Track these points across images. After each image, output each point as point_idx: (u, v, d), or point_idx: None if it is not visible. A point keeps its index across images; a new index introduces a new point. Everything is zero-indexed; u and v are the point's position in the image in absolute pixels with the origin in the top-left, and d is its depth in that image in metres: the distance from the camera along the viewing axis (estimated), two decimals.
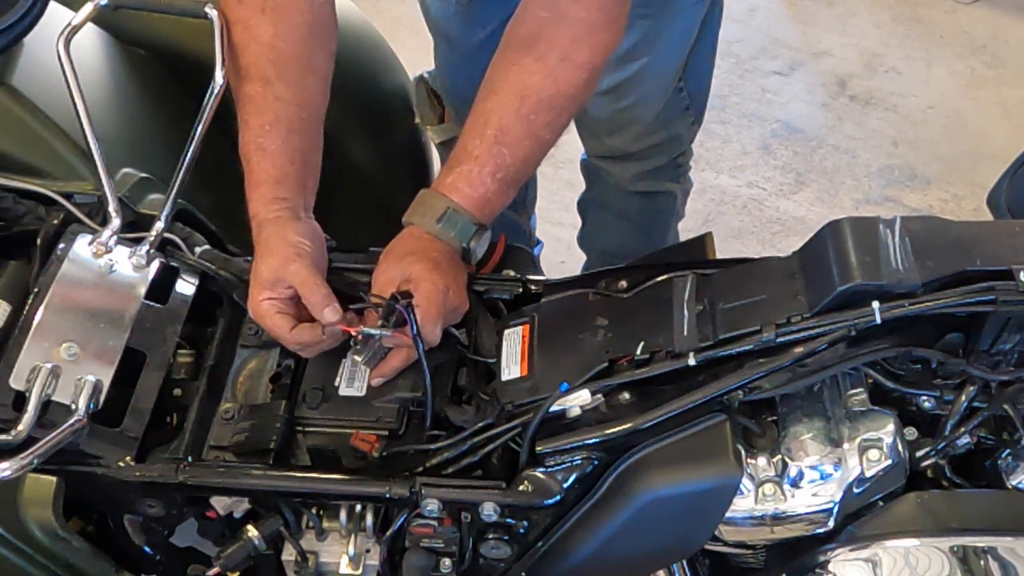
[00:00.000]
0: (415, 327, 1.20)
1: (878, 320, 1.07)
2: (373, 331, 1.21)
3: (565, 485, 1.17)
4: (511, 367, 1.25)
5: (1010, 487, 1.14)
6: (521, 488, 1.17)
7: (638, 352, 1.18)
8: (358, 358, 1.24)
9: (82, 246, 1.28)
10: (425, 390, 1.23)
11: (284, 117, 1.32)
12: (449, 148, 2.13)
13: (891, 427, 1.12)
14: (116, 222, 1.28)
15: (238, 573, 1.26)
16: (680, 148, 2.09)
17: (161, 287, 1.31)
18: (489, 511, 1.18)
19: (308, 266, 1.25)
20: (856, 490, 1.12)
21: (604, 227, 2.27)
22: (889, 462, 1.11)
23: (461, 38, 1.93)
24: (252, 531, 1.21)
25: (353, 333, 1.22)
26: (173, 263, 1.34)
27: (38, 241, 1.28)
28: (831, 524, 1.14)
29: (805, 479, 1.13)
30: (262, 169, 1.31)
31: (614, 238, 2.24)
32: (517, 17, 1.35)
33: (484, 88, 1.34)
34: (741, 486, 1.13)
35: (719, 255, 1.41)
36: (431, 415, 1.23)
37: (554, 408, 1.16)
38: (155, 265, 1.31)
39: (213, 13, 1.33)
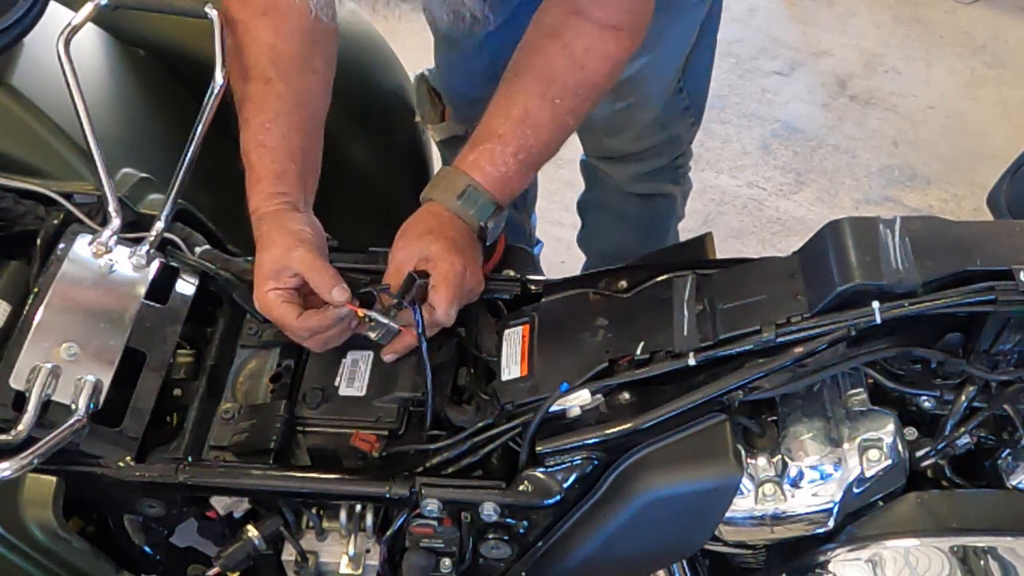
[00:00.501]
0: (421, 325, 1.20)
1: (878, 320, 1.07)
2: (379, 317, 1.22)
3: (565, 485, 1.17)
4: (511, 367, 1.25)
5: (1010, 487, 1.14)
6: (521, 488, 1.17)
7: (638, 352, 1.18)
8: (372, 335, 1.24)
9: (82, 246, 1.28)
10: (426, 388, 1.23)
11: (284, 115, 1.33)
12: (450, 146, 2.14)
13: (891, 427, 1.12)
14: (116, 222, 1.28)
15: (238, 573, 1.26)
16: (679, 149, 2.09)
17: (161, 287, 1.31)
18: (489, 511, 1.18)
19: (312, 251, 1.25)
20: (856, 490, 1.12)
21: (604, 228, 2.27)
22: (889, 462, 1.11)
23: (461, 37, 1.93)
24: (252, 531, 1.21)
25: (360, 315, 1.23)
26: (173, 263, 1.34)
27: (38, 241, 1.28)
28: (831, 524, 1.14)
29: (805, 479, 1.13)
30: (262, 165, 1.31)
31: (614, 239, 2.24)
32: (543, 8, 1.36)
33: (510, 71, 1.35)
34: (741, 486, 1.13)
35: (719, 255, 1.41)
36: (431, 414, 1.23)
37: (554, 408, 1.16)
38: (155, 265, 1.31)
39: (213, 13, 1.33)
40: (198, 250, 1.37)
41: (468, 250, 1.28)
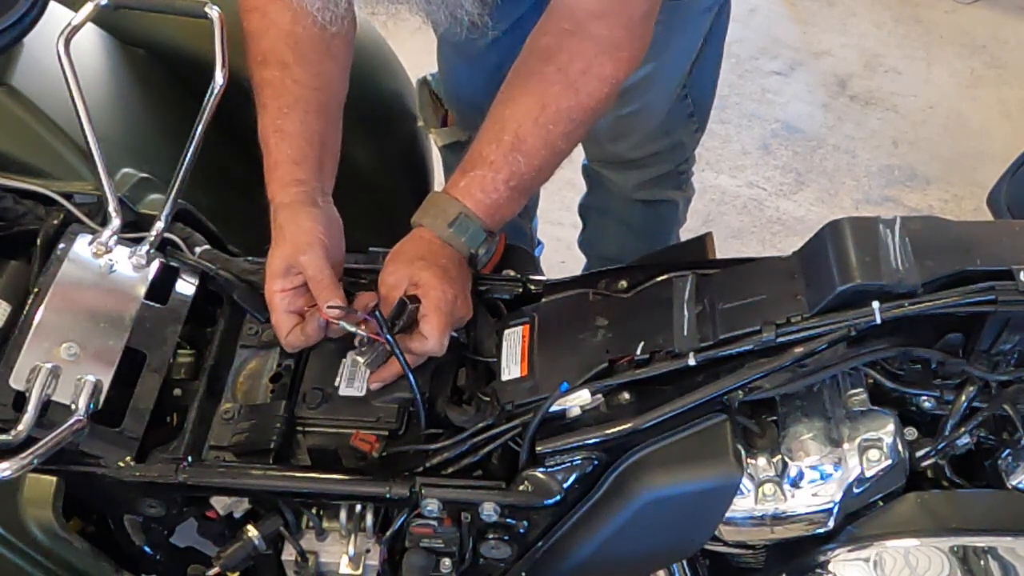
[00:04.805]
0: (386, 332, 1.20)
1: (878, 320, 1.07)
2: (348, 327, 1.22)
3: (565, 485, 1.17)
4: (511, 367, 1.25)
5: (1010, 487, 1.14)
6: (521, 488, 1.17)
7: (638, 352, 1.18)
8: (360, 359, 1.24)
9: (82, 246, 1.28)
10: (423, 390, 1.23)
11: (302, 99, 1.33)
12: (453, 151, 2.13)
13: (891, 427, 1.12)
14: (116, 222, 1.28)
15: (238, 573, 1.26)
16: (683, 155, 2.08)
17: (161, 287, 1.31)
18: (489, 511, 1.18)
19: (320, 257, 1.26)
20: (856, 490, 1.12)
21: (605, 233, 2.27)
22: (889, 462, 1.11)
23: (466, 42, 1.92)
24: (252, 531, 1.21)
25: (329, 319, 1.23)
26: (173, 263, 1.34)
27: (38, 241, 1.28)
28: (831, 524, 1.14)
29: (805, 479, 1.13)
30: (280, 150, 1.31)
31: (615, 244, 2.23)
32: (539, 28, 1.35)
33: (503, 94, 1.34)
34: (741, 486, 1.13)
35: (719, 255, 1.41)
36: (424, 416, 1.23)
37: (554, 408, 1.16)
38: (155, 265, 1.31)
39: (213, 13, 1.33)
40: (198, 250, 1.37)
41: (459, 278, 1.28)
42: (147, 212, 1.35)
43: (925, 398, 1.16)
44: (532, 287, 1.36)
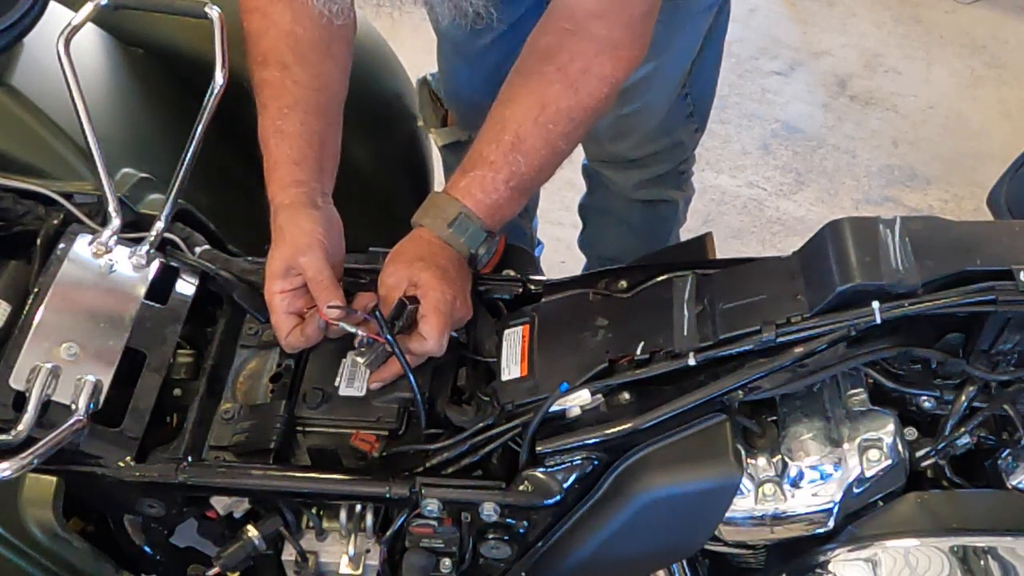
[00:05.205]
0: (396, 346, 1.20)
1: (878, 320, 1.07)
2: (349, 327, 1.22)
3: (565, 485, 1.17)
4: (511, 367, 1.25)
5: (1010, 487, 1.14)
6: (521, 488, 1.17)
7: (638, 352, 1.18)
8: (360, 359, 1.24)
9: (82, 246, 1.28)
10: (424, 390, 1.23)
11: (302, 100, 1.33)
12: (453, 151, 2.13)
13: (891, 427, 1.12)
14: (116, 222, 1.29)
15: (238, 573, 1.26)
16: (683, 155, 2.08)
17: (161, 287, 1.31)
18: (489, 511, 1.18)
19: (319, 259, 1.26)
20: (856, 490, 1.12)
21: (605, 233, 2.27)
22: (889, 462, 1.11)
23: (466, 41, 1.92)
24: (252, 531, 1.21)
25: (329, 320, 1.24)
26: (173, 263, 1.34)
27: (38, 241, 1.28)
28: (831, 524, 1.14)
29: (805, 479, 1.13)
30: (280, 151, 1.31)
31: (615, 244, 2.23)
32: (539, 28, 1.35)
33: (503, 94, 1.34)
34: (741, 486, 1.13)
35: (719, 255, 1.41)
36: (424, 416, 1.23)
37: (554, 408, 1.16)
38: (155, 265, 1.31)
39: (213, 13, 1.34)
40: (198, 250, 1.37)
41: (458, 279, 1.28)
42: (147, 212, 1.35)
43: (925, 398, 1.16)
44: (532, 287, 1.36)
